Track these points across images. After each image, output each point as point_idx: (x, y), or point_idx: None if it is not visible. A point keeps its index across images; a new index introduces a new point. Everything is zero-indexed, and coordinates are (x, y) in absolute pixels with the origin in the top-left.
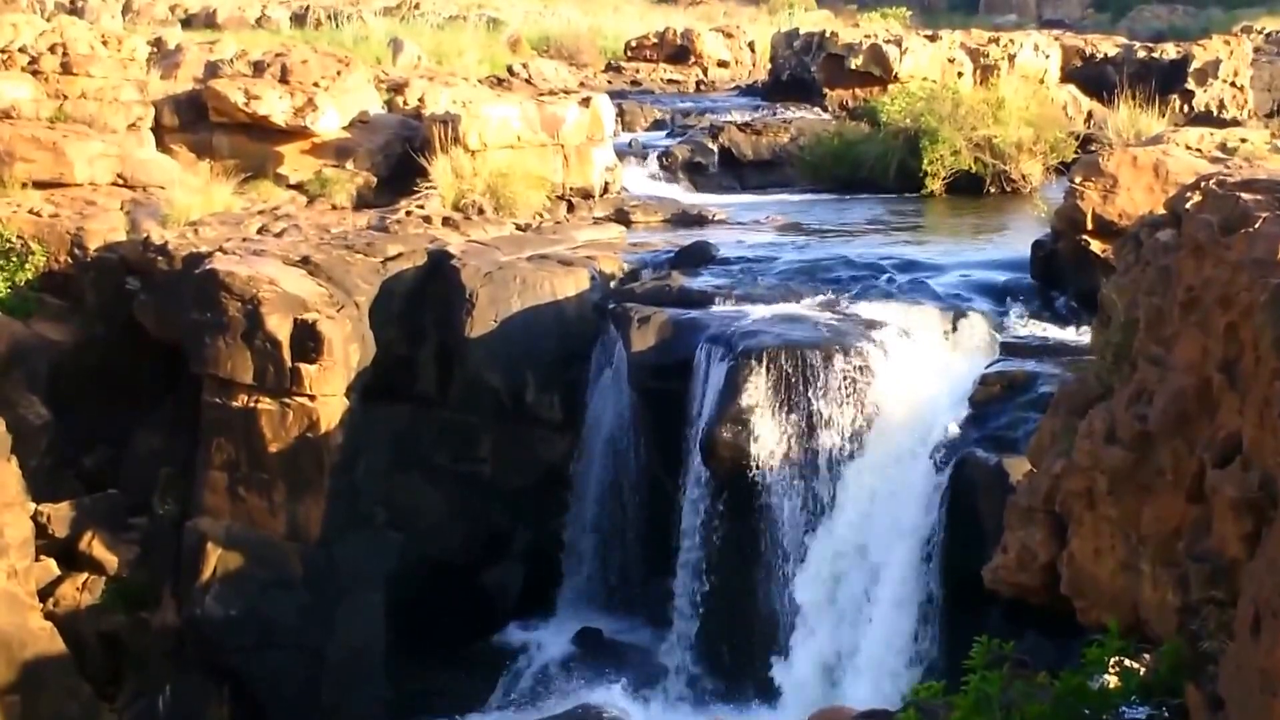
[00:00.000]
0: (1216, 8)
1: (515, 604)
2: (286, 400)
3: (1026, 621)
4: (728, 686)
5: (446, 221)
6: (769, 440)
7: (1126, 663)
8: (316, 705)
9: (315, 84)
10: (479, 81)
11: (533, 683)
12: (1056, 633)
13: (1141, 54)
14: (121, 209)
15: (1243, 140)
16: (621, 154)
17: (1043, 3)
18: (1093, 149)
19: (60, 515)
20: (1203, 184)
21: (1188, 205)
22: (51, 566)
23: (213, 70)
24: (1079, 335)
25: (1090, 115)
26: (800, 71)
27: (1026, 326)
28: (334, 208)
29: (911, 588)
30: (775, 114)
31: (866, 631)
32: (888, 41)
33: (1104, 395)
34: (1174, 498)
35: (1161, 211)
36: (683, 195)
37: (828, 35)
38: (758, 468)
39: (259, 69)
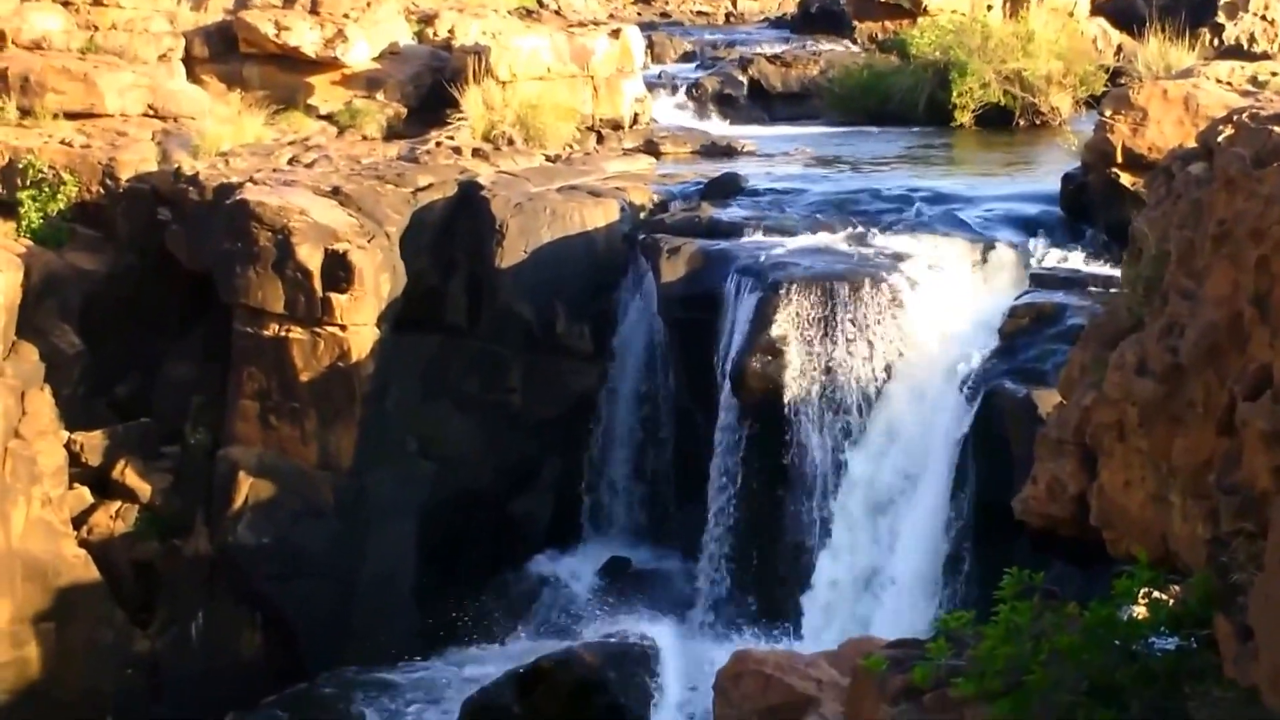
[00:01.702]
0: None
1: (544, 533)
2: (317, 330)
3: (1054, 552)
4: (756, 616)
5: (476, 152)
6: (798, 371)
7: (1155, 594)
8: (347, 633)
9: (345, 15)
10: (508, 13)
11: (561, 612)
12: (1084, 563)
13: None
14: (152, 140)
15: (1274, 74)
16: (651, 85)
17: None
18: (1122, 82)
19: (93, 444)
20: (1235, 117)
21: (1219, 138)
22: (85, 495)
23: (243, 1)
24: (1108, 268)
25: (1120, 49)
26: (829, 4)
27: (1055, 259)
28: (364, 138)
29: (940, 518)
30: (804, 46)
31: (895, 562)
32: None
33: (1135, 328)
34: (1204, 430)
35: (1192, 145)
36: (712, 127)
37: None
38: (787, 398)
39: (289, 0)
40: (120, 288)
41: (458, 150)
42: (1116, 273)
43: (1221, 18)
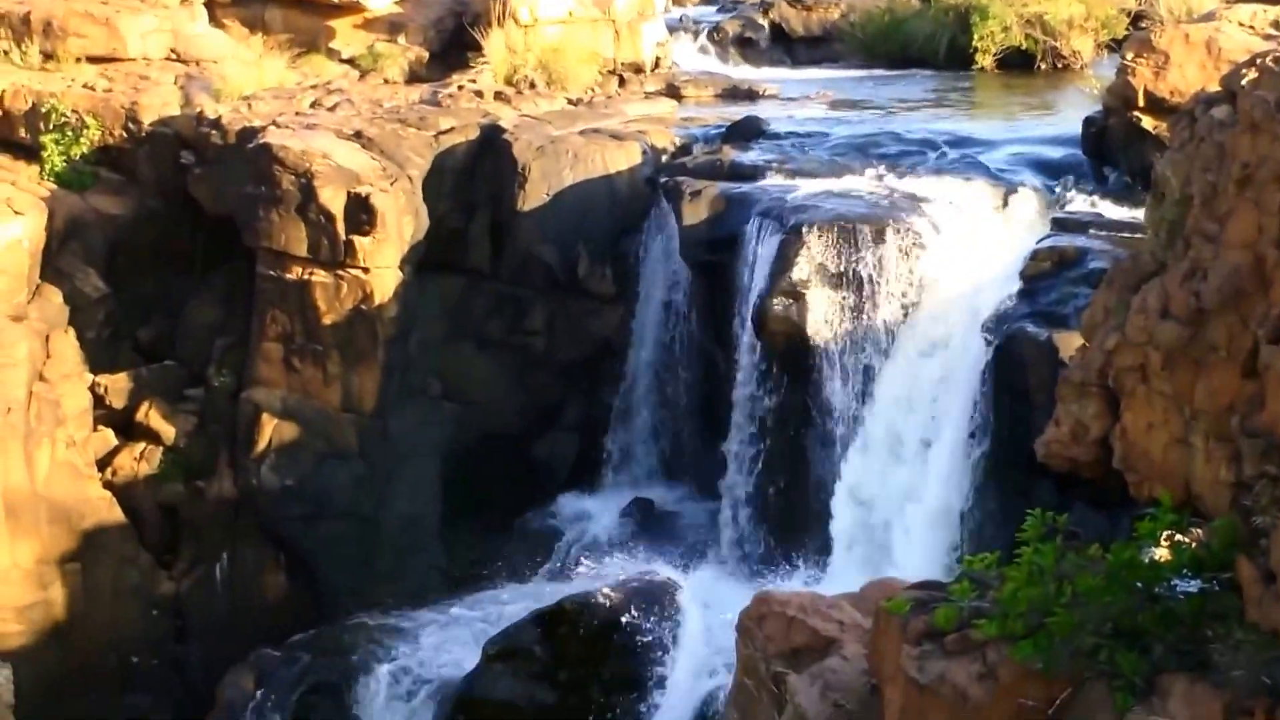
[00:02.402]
0: None
1: (567, 475)
2: (340, 272)
3: (1075, 494)
4: (778, 557)
5: (498, 96)
6: (820, 313)
7: (1178, 537)
8: (371, 573)
9: None
10: None
11: (584, 552)
12: (1105, 505)
13: None
14: (175, 84)
15: None
16: (672, 29)
17: None
18: (1144, 26)
19: (117, 386)
20: (1258, 61)
21: (1243, 82)
22: (109, 437)
23: None
24: (1130, 211)
25: None
26: None
27: (1077, 202)
28: (386, 82)
29: (961, 461)
30: None
31: (916, 504)
32: None
33: (1158, 271)
34: (1228, 373)
35: (1215, 88)
36: (733, 70)
37: None
38: (808, 340)
39: None
40: (143, 231)
41: (480, 94)
42: (1138, 216)
43: None
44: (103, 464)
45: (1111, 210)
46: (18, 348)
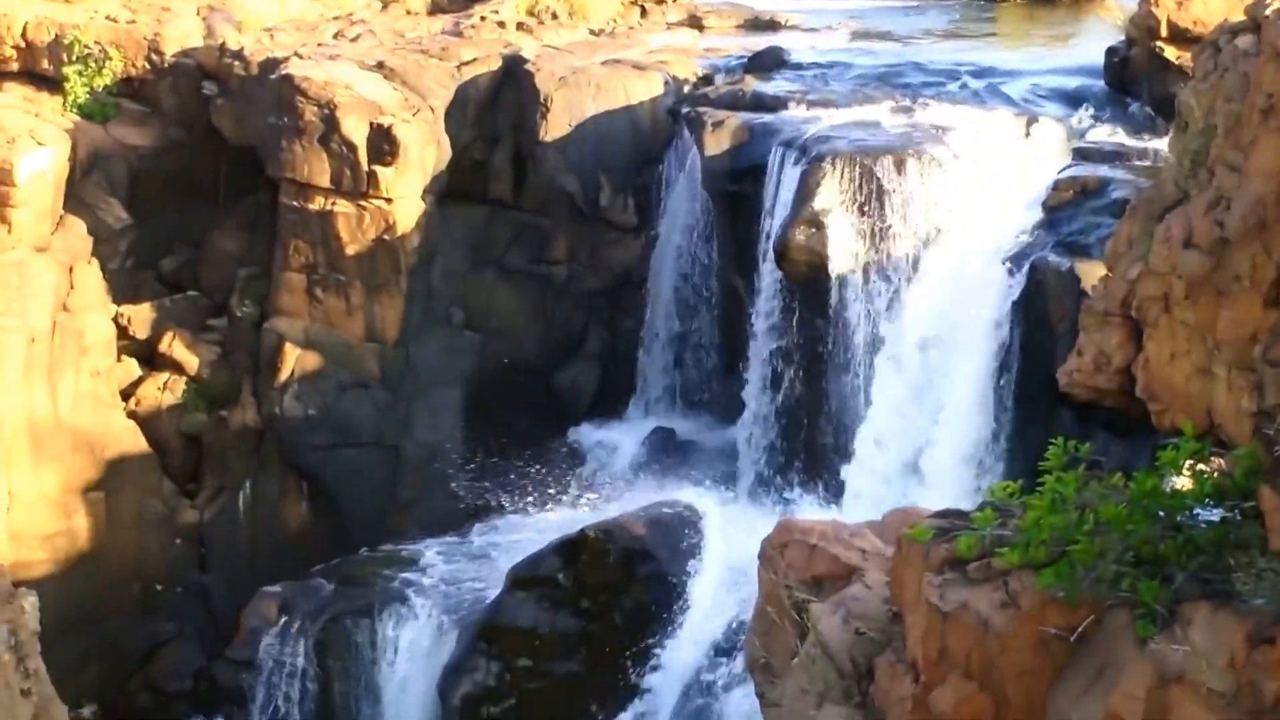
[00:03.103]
0: None
1: (589, 404)
2: (363, 203)
3: (1096, 423)
4: (799, 485)
5: (520, 26)
6: (841, 243)
7: (1200, 466)
8: (393, 501)
9: None
10: None
11: (606, 481)
12: (1126, 435)
13: None
14: (197, 15)
15: None
16: None
17: None
18: None
19: (141, 317)
20: None
21: (1268, 11)
22: (133, 367)
23: None
24: (1152, 141)
25: None
26: None
27: (1099, 133)
28: (408, 13)
29: (983, 390)
30: None
31: (938, 432)
32: None
33: (1181, 201)
34: (1251, 303)
35: (1240, 18)
36: (755, 1)
37: None
38: (830, 270)
39: None
40: (166, 162)
41: (502, 24)
42: (1160, 146)
43: None
44: (126, 394)
45: (1134, 140)
46: (41, 279)
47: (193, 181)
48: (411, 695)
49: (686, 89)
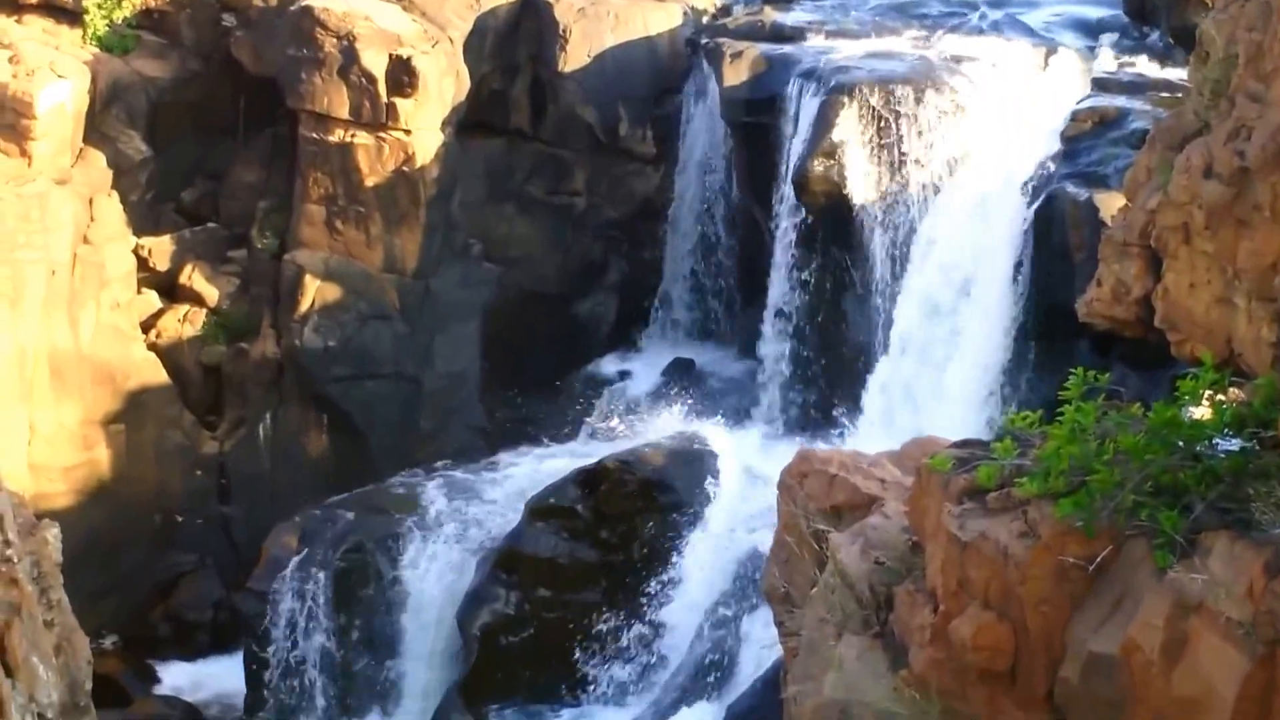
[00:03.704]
0: None
1: (609, 334)
2: (382, 134)
3: (1114, 355)
4: (818, 415)
5: None
6: (860, 174)
7: (1219, 396)
8: (413, 433)
9: None
10: None
11: (626, 412)
12: (1143, 366)
13: None
14: None
15: None
16: None
17: None
18: None
19: (161, 249)
20: None
21: None
22: (153, 299)
23: None
24: (1171, 71)
25: None
26: None
27: (1118, 63)
28: None
29: (1000, 320)
30: None
31: (956, 363)
32: None
33: (1201, 130)
34: (1271, 232)
35: None
36: None
37: None
38: (849, 200)
39: None
40: (186, 93)
41: None
42: (1180, 76)
43: None
44: (146, 326)
45: (1153, 70)
46: (62, 211)
47: (212, 114)
48: (431, 625)
49: (705, 20)
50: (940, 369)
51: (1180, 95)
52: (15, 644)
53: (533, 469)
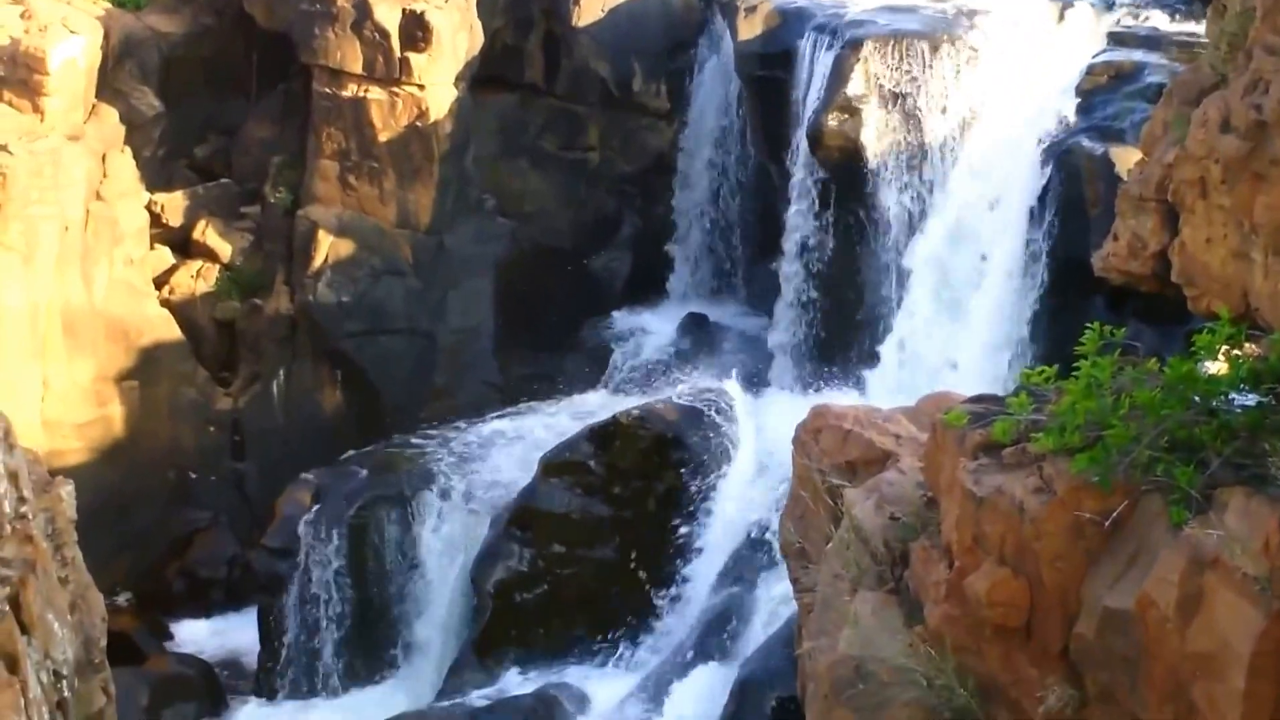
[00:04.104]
0: None
1: (622, 289)
2: (396, 90)
3: (1129, 310)
4: (832, 371)
5: None
6: (874, 128)
7: (1235, 351)
8: (427, 388)
9: None
10: None
11: (639, 367)
12: (1158, 322)
13: None
14: None
15: None
16: None
17: None
18: None
19: (174, 204)
20: None
21: None
22: (166, 255)
23: None
24: (1188, 25)
25: None
26: None
27: (1134, 17)
28: None
29: (1016, 276)
30: None
31: (971, 318)
32: None
33: (1218, 84)
34: None
35: None
36: None
37: None
38: (863, 156)
39: None
40: (198, 49)
41: None
42: (1196, 30)
43: None
44: (160, 282)
45: (1168, 25)
46: (75, 167)
47: (225, 69)
48: (444, 581)
49: None
50: (955, 324)
51: (1197, 49)
52: (30, 601)
53: (547, 425)
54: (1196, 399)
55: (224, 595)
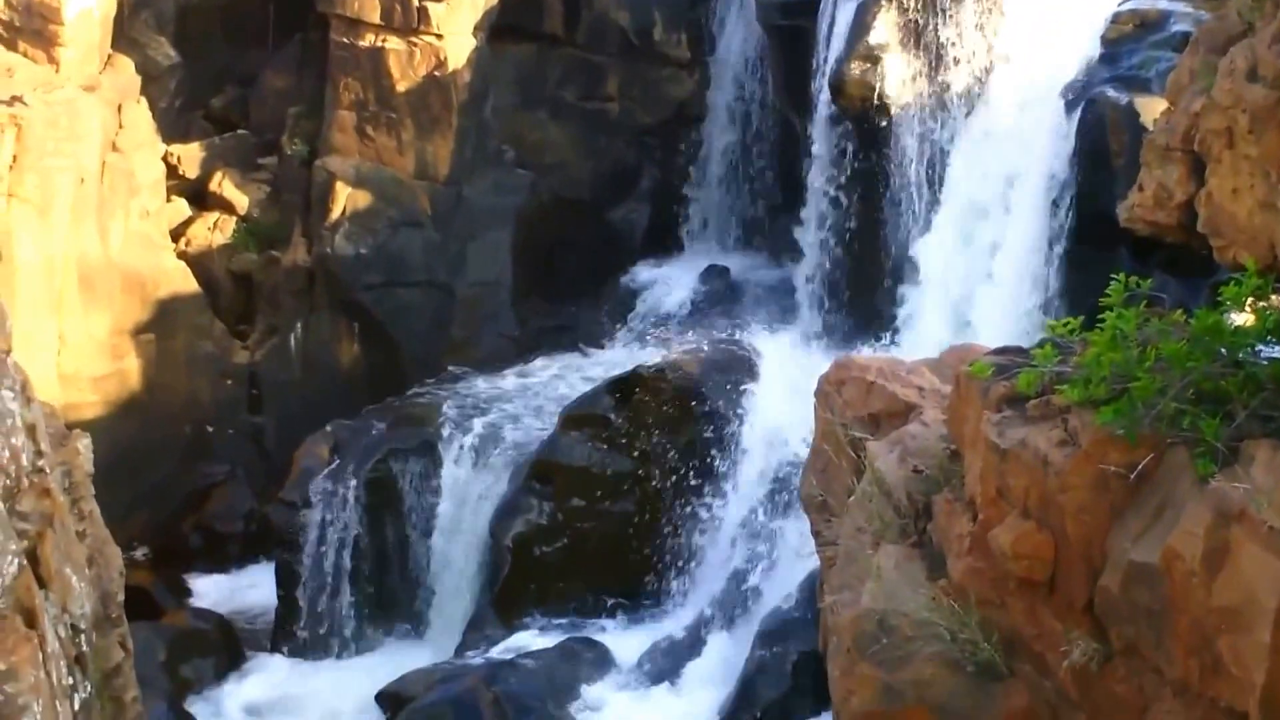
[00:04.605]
0: None
1: (643, 241)
2: (414, 39)
3: (1153, 261)
4: (854, 323)
5: None
6: (897, 78)
7: (1262, 302)
8: (445, 340)
9: None
10: None
11: (660, 319)
12: (1183, 274)
13: None
14: None
15: None
16: None
17: None
18: None
19: (190, 156)
20: None
21: None
22: (183, 207)
23: None
24: None
25: None
26: None
27: None
28: None
29: (1040, 226)
30: None
31: (995, 269)
32: None
33: (1246, 32)
34: None
35: None
36: None
37: None
38: (886, 105)
39: None
40: None
41: None
42: None
43: None
44: (176, 234)
45: None
46: (90, 118)
47: (241, 19)
48: (463, 535)
49: None
50: (979, 275)
51: None
52: (48, 555)
53: (566, 377)
54: (1223, 351)
55: (241, 550)
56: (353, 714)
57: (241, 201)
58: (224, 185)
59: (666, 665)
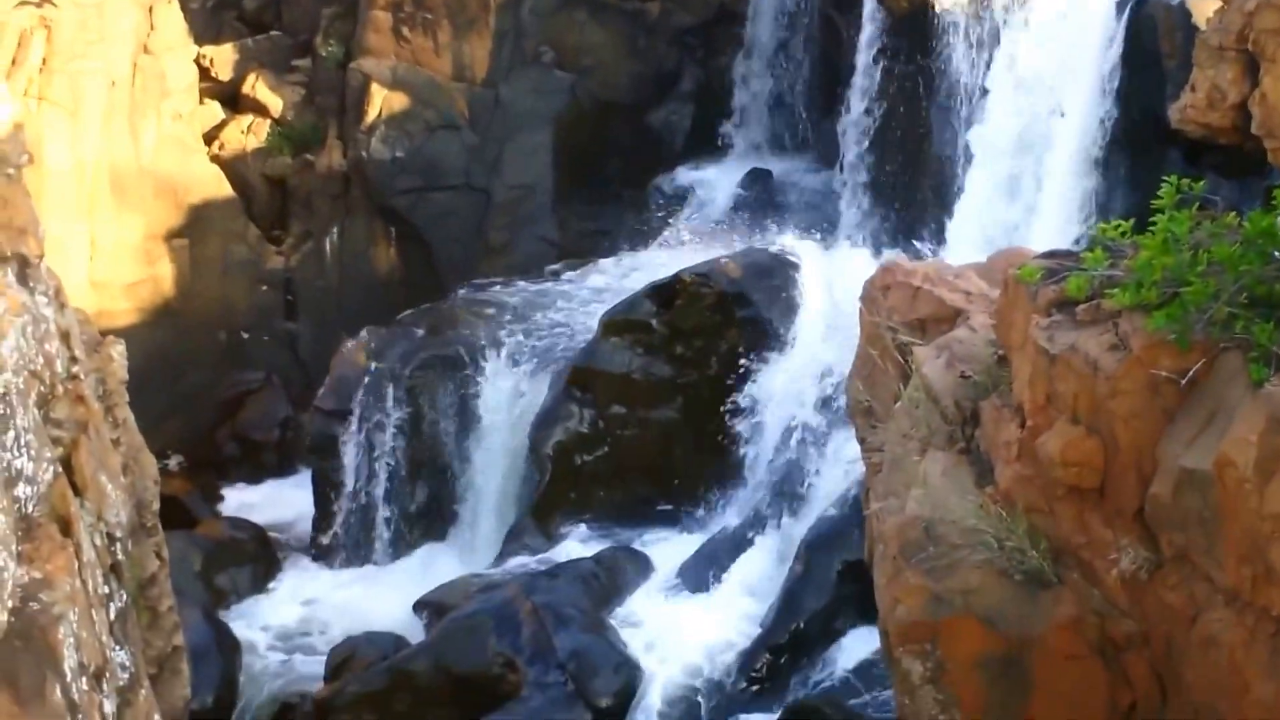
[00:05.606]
0: None
1: (684, 144)
2: None
3: (1205, 163)
4: (900, 228)
5: None
6: None
7: None
8: (483, 245)
9: None
10: None
11: (701, 223)
12: (1235, 175)
13: None
14: None
15: None
16: None
17: None
18: None
19: (223, 58)
20: None
21: None
22: (216, 110)
23: None
24: None
25: None
26: None
27: None
28: None
29: (1090, 129)
30: None
31: (1044, 173)
32: None
33: None
34: None
35: None
36: None
37: None
38: (933, 6)
39: None
40: None
41: None
42: None
43: None
44: (209, 137)
45: None
46: (121, 20)
47: None
48: (502, 443)
49: None
50: (1027, 179)
51: None
52: (83, 462)
53: (606, 282)
54: (1277, 254)
55: (276, 458)
56: (390, 623)
57: (275, 104)
58: (257, 88)
59: (708, 575)
